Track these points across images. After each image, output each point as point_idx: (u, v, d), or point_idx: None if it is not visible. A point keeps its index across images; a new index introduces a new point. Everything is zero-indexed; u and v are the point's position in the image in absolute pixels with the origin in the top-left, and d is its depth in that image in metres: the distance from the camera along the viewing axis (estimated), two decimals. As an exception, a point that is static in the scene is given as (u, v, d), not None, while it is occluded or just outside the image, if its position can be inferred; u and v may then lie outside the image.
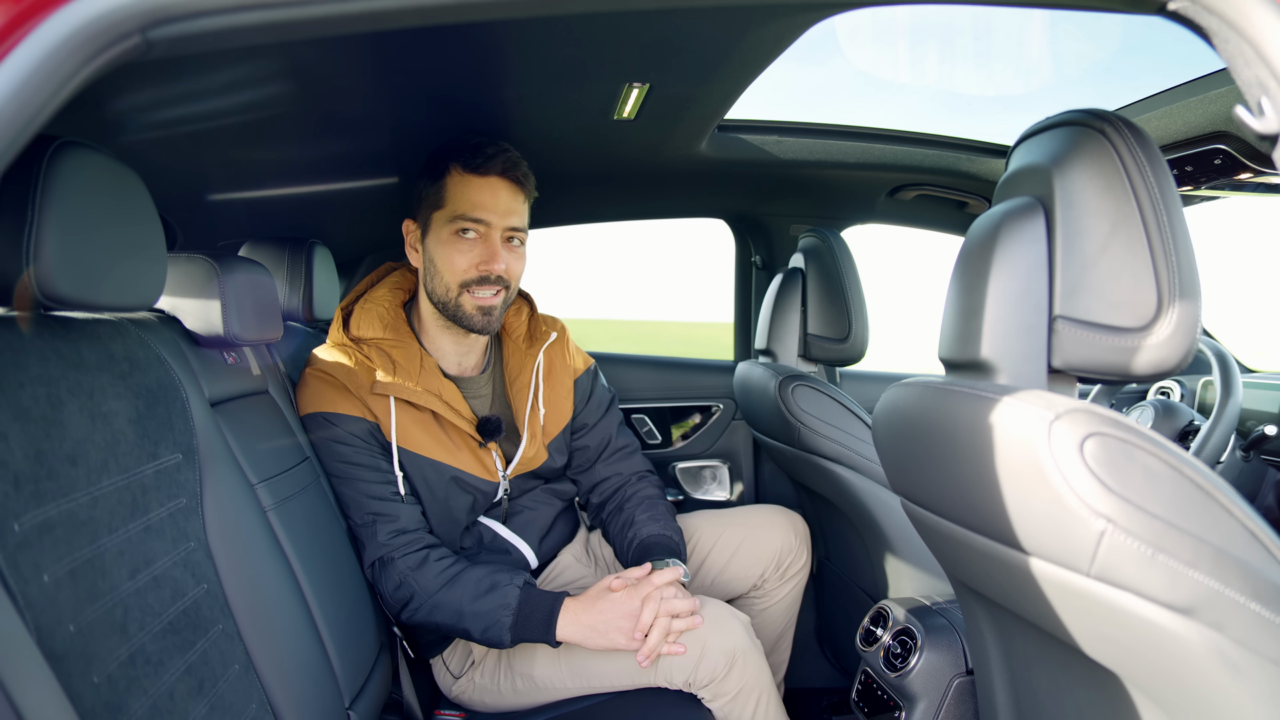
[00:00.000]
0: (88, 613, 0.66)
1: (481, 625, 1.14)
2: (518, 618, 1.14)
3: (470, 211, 1.19)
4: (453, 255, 1.20)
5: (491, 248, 1.20)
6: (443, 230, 1.20)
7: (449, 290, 1.21)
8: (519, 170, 1.21)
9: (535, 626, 1.14)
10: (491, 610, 1.14)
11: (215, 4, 0.50)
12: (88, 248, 0.70)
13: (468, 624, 1.15)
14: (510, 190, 1.21)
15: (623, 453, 1.47)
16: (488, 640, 1.15)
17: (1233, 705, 0.55)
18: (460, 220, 1.19)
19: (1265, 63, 0.53)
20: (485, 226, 1.20)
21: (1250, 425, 1.74)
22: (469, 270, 1.20)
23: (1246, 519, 0.56)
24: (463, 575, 1.17)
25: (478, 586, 1.16)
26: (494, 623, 1.14)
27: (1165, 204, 0.63)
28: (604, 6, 0.75)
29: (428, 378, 1.23)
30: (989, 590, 0.78)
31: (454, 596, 1.15)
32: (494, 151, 1.19)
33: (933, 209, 1.96)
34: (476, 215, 1.19)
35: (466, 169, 1.19)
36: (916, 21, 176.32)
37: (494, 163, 1.19)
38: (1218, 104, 1.20)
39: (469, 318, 1.22)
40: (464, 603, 1.15)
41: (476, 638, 1.16)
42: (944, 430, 0.71)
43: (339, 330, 1.25)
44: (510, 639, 1.14)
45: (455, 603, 1.15)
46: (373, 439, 1.20)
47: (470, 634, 1.16)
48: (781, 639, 1.56)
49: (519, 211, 1.23)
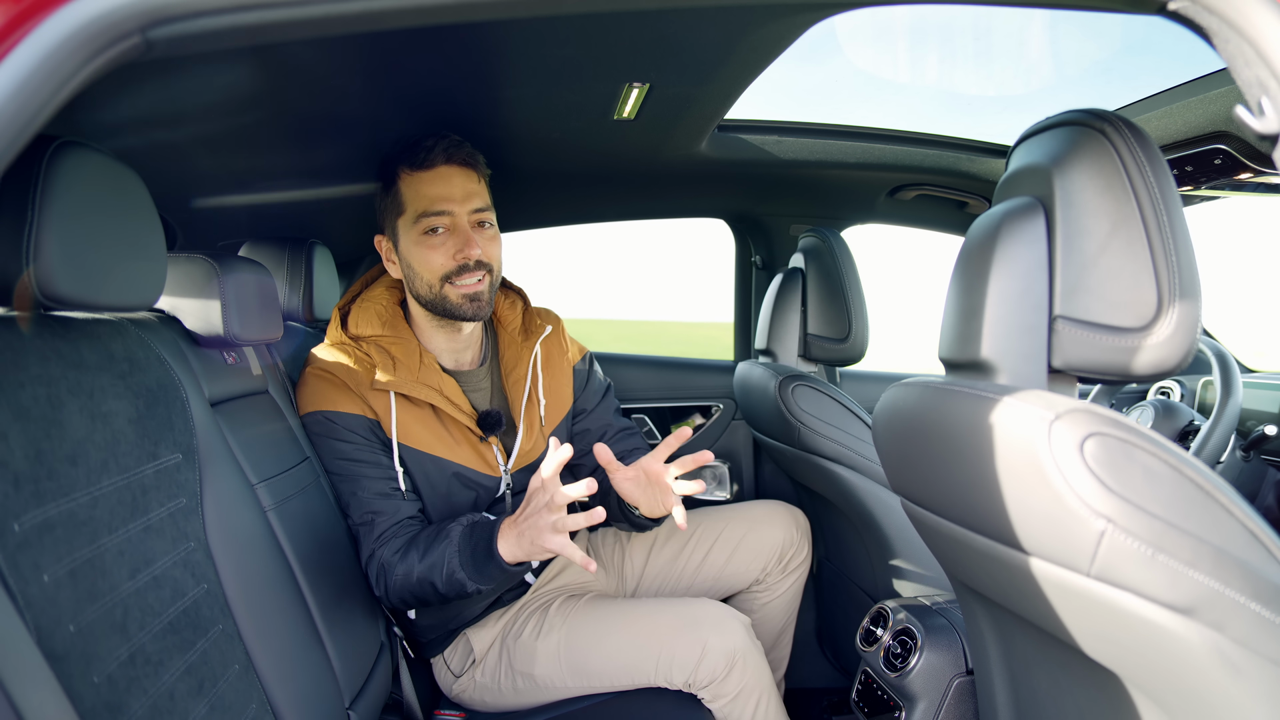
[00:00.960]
0: (88, 613, 0.66)
1: (440, 575, 1.10)
2: (463, 552, 1.09)
3: (430, 206, 1.18)
4: (427, 254, 1.19)
5: (463, 235, 1.19)
6: (411, 233, 1.19)
7: (431, 287, 1.20)
8: (463, 152, 1.19)
9: (480, 553, 1.08)
10: (441, 554, 1.10)
11: (215, 4, 0.50)
12: (88, 248, 0.70)
13: (431, 578, 1.10)
14: (463, 174, 1.19)
15: (624, 434, 1.46)
16: (453, 588, 1.10)
17: (1233, 705, 0.55)
18: (425, 219, 1.18)
19: (1265, 63, 0.53)
20: (450, 217, 1.19)
21: (1250, 425, 1.74)
22: (446, 263, 1.18)
23: (1246, 519, 0.56)
24: (416, 536, 1.15)
25: (428, 540, 1.13)
26: (446, 566, 1.09)
27: (1165, 204, 0.63)
28: (604, 6, 0.75)
29: (427, 373, 1.23)
30: (989, 590, 0.78)
31: (411, 559, 1.12)
32: (433, 142, 1.17)
33: (933, 209, 1.96)
34: (438, 208, 1.18)
35: (413, 167, 1.18)
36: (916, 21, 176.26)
37: (436, 153, 1.17)
38: (1218, 104, 1.20)
39: (457, 308, 1.20)
40: (418, 561, 1.11)
41: (443, 590, 1.11)
42: (944, 430, 0.71)
43: (338, 329, 1.25)
44: (466, 576, 1.08)
45: (413, 564, 1.11)
46: (374, 436, 1.20)
47: (438, 589, 1.11)
48: (783, 634, 1.57)
49: (478, 192, 1.21)
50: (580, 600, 1.30)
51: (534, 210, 2.04)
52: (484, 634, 1.29)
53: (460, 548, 1.10)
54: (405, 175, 1.19)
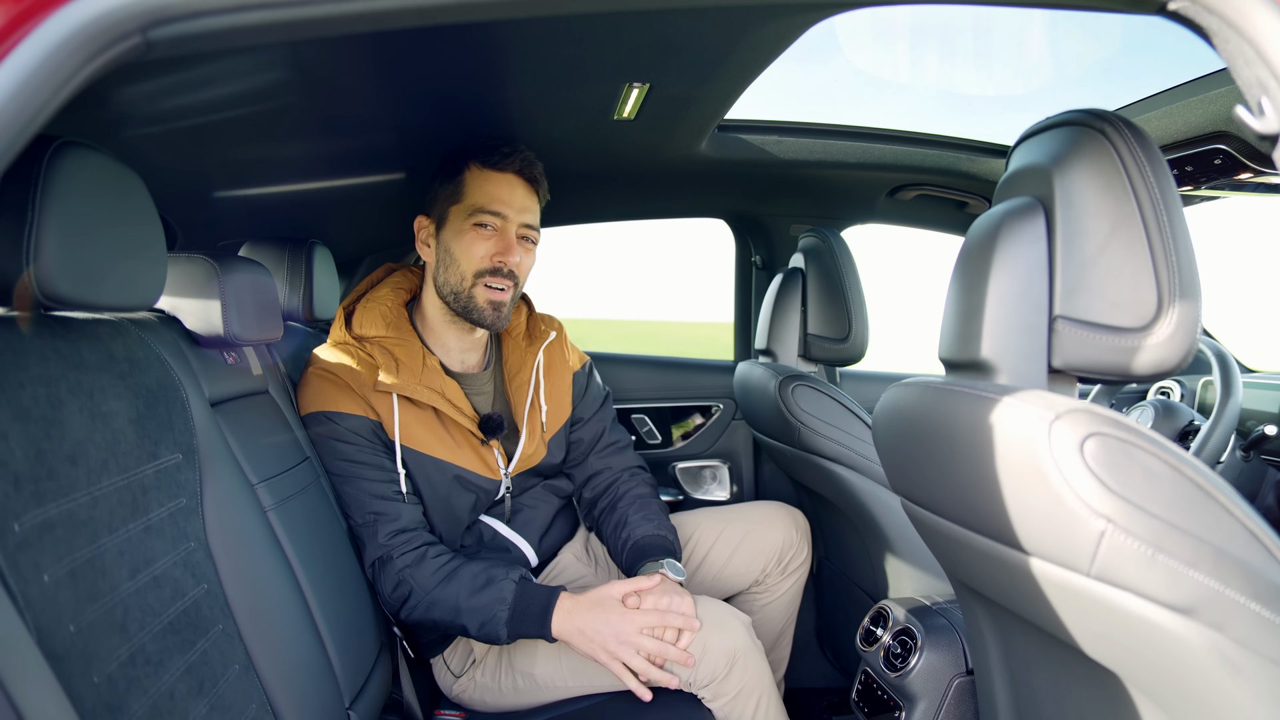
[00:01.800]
0: (88, 613, 0.66)
1: (478, 620, 1.14)
2: (513, 612, 1.14)
3: (489, 204, 1.22)
4: (471, 244, 1.23)
5: (507, 240, 1.23)
6: (461, 223, 1.23)
7: (463, 280, 1.23)
8: (534, 170, 1.26)
9: (531, 621, 1.14)
10: (488, 605, 1.14)
11: (215, 4, 0.50)
12: (88, 248, 0.70)
13: (465, 619, 1.15)
14: (525, 189, 1.25)
15: (615, 447, 1.48)
16: (484, 636, 1.15)
17: (1233, 705, 0.55)
18: (479, 213, 1.22)
19: (1265, 63, 0.53)
20: (502, 220, 1.23)
21: (1250, 425, 1.74)
22: (484, 260, 1.23)
23: (1246, 519, 0.56)
24: (459, 571, 1.17)
25: (474, 582, 1.16)
26: (490, 617, 1.14)
27: (1165, 204, 0.63)
28: (604, 6, 0.75)
29: (430, 375, 1.24)
30: (989, 590, 0.78)
31: (450, 592, 1.15)
32: (510, 151, 1.24)
33: (933, 209, 1.96)
34: (494, 208, 1.22)
35: (485, 165, 1.23)
36: (916, 21, 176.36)
37: (511, 160, 1.23)
38: (1218, 104, 1.20)
39: (480, 310, 1.24)
40: (460, 598, 1.15)
41: (474, 634, 1.15)
42: (944, 430, 0.71)
43: (342, 329, 1.25)
44: (507, 634, 1.14)
45: (452, 599, 1.15)
46: (375, 437, 1.20)
47: (468, 630, 1.16)
48: (783, 635, 1.56)
49: (533, 210, 1.27)
50: (581, 600, 1.30)
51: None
52: (484, 634, 1.29)
53: (512, 606, 1.14)
54: (475, 169, 1.23)
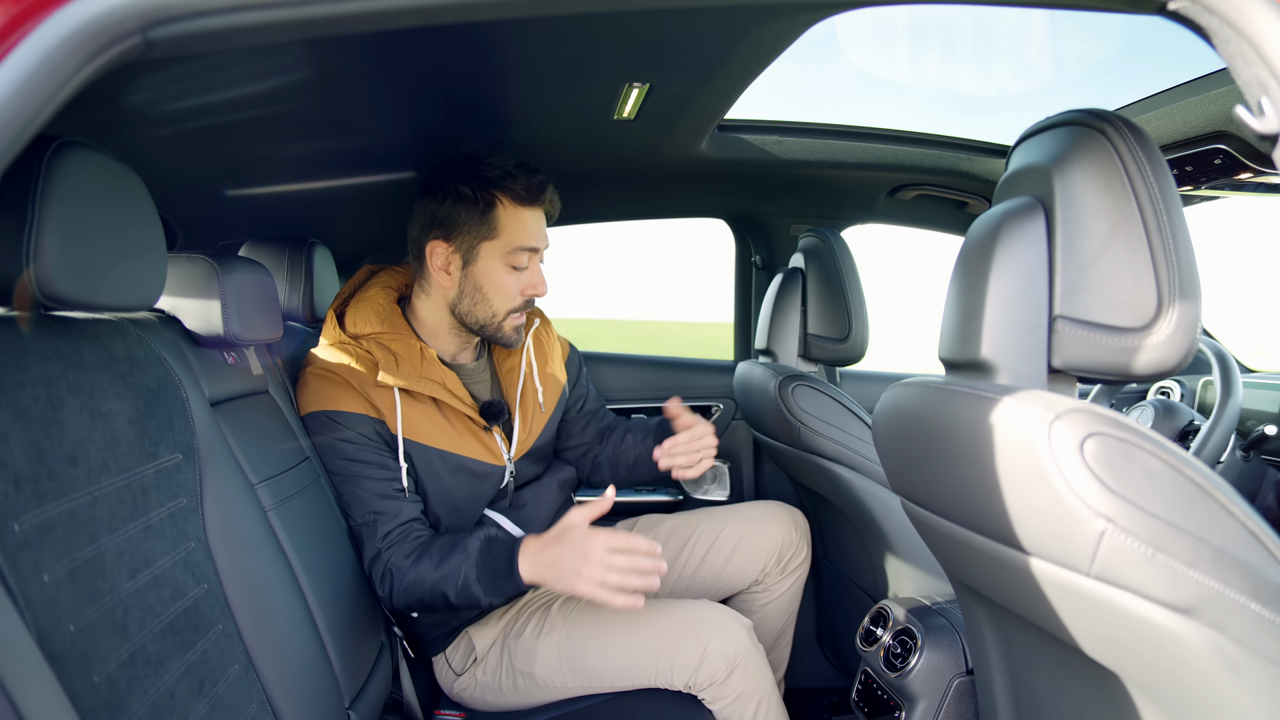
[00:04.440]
0: (88, 613, 0.66)
1: (454, 587, 1.12)
2: (480, 569, 1.11)
3: (528, 242, 1.23)
4: (507, 283, 1.24)
5: (537, 273, 1.26)
6: (498, 260, 1.23)
7: (495, 316, 1.25)
8: (556, 198, 1.28)
9: (500, 573, 1.11)
10: (456, 568, 1.12)
11: (215, 4, 0.50)
12: (88, 248, 0.70)
13: (444, 589, 1.12)
14: (544, 220, 1.28)
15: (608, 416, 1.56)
16: (466, 600, 1.12)
17: (1233, 705, 0.55)
18: (521, 252, 1.23)
19: (1265, 63, 0.53)
20: (534, 253, 1.25)
21: (1250, 425, 1.74)
22: (517, 297, 1.25)
23: (1246, 519, 0.56)
24: (430, 544, 1.16)
25: (442, 551, 1.14)
26: (462, 580, 1.11)
27: (1165, 204, 0.63)
28: (604, 6, 0.75)
29: (430, 367, 1.24)
30: (989, 590, 0.78)
31: (424, 567, 1.13)
32: (538, 183, 1.23)
33: (933, 209, 1.96)
34: (532, 244, 1.24)
35: (518, 201, 1.21)
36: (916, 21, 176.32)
37: (541, 195, 1.24)
38: (1218, 104, 1.20)
39: (507, 337, 1.28)
40: (432, 570, 1.13)
41: (455, 601, 1.12)
42: (944, 430, 0.71)
43: (336, 329, 1.25)
44: (481, 590, 1.11)
45: (426, 573, 1.13)
46: (377, 436, 1.20)
47: (449, 600, 1.12)
48: (782, 634, 1.57)
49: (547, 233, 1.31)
50: (582, 600, 1.30)
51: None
52: (485, 633, 1.29)
53: (478, 562, 1.12)
54: (508, 204, 1.21)
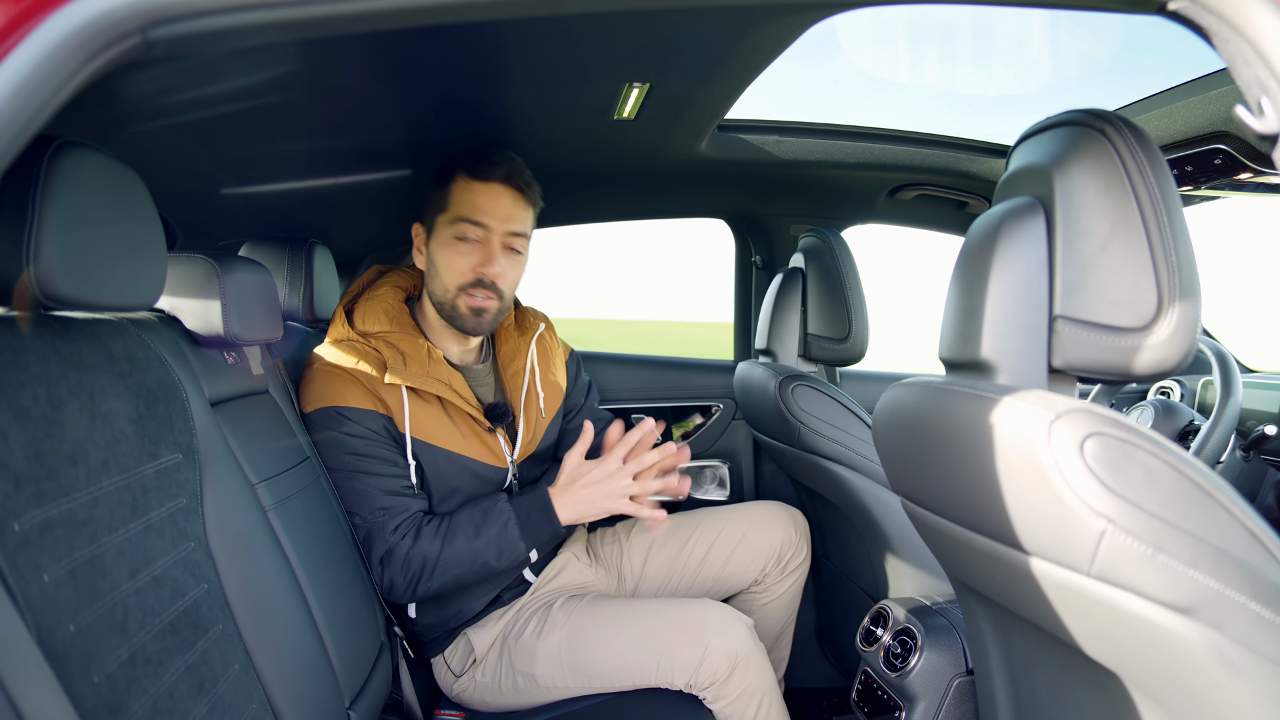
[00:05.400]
0: (88, 613, 0.66)
1: (496, 550, 1.18)
2: (522, 525, 1.19)
3: (471, 214, 1.22)
4: (452, 257, 1.23)
5: (489, 251, 1.23)
6: (444, 233, 1.24)
7: (446, 291, 1.25)
8: (522, 178, 1.25)
9: (538, 523, 1.20)
10: (498, 533, 1.18)
11: (215, 4, 0.50)
12: (88, 248, 0.70)
13: (486, 557, 1.18)
14: (512, 197, 1.24)
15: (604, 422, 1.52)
16: (509, 563, 1.19)
17: (1233, 705, 0.55)
18: (461, 223, 1.22)
19: (1265, 63, 0.53)
20: (485, 230, 1.23)
21: (1250, 425, 1.74)
22: (465, 273, 1.23)
23: (1246, 519, 0.56)
24: (453, 524, 1.20)
25: (472, 523, 1.19)
26: (506, 541, 1.18)
27: (1165, 204, 0.63)
28: (604, 6, 0.75)
29: (437, 367, 1.25)
30: (989, 590, 0.78)
31: (459, 545, 1.18)
32: (499, 159, 1.23)
33: (933, 209, 1.96)
34: (476, 218, 1.22)
35: (471, 175, 1.23)
36: (916, 21, 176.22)
37: (497, 170, 1.23)
38: (1218, 104, 1.20)
39: (462, 318, 1.26)
40: (469, 543, 1.18)
41: (498, 566, 1.19)
42: (944, 430, 0.71)
43: (344, 326, 1.26)
44: (525, 547, 1.19)
45: (463, 548, 1.17)
46: (386, 432, 1.21)
47: (490, 567, 1.19)
48: (782, 635, 1.57)
49: (521, 219, 1.26)
50: (582, 600, 1.30)
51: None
52: (484, 633, 1.29)
53: (518, 520, 1.19)
54: (461, 179, 1.23)
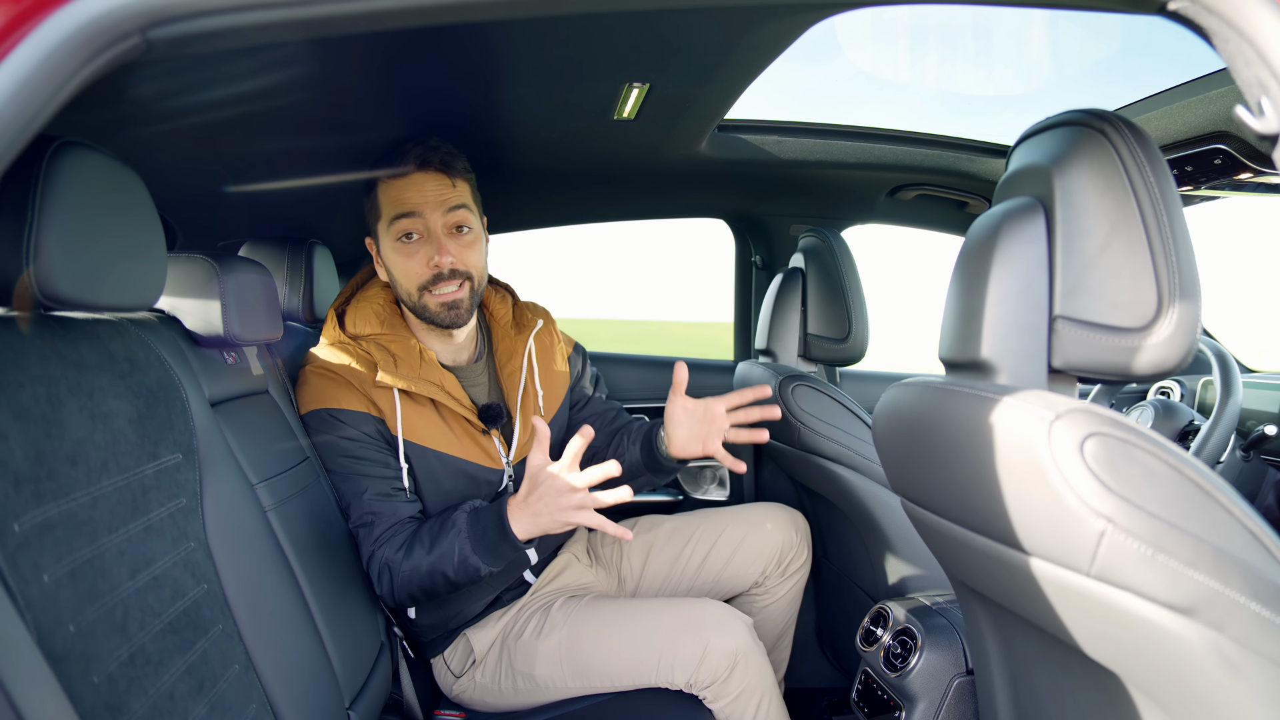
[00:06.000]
0: (88, 613, 0.66)
1: (451, 565, 1.10)
2: (474, 538, 1.10)
3: (400, 209, 1.17)
4: (402, 260, 1.19)
5: (435, 242, 1.18)
6: (387, 239, 1.20)
7: (410, 295, 1.21)
8: (437, 156, 1.17)
9: (493, 537, 1.09)
10: (450, 545, 1.10)
11: (215, 4, 0.50)
12: (88, 248, 0.70)
13: (442, 569, 1.11)
14: (437, 178, 1.18)
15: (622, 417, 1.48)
16: (466, 575, 1.11)
17: (1233, 705, 0.55)
18: (397, 222, 1.18)
19: (1265, 63, 0.53)
20: (421, 220, 1.18)
21: (1250, 425, 1.74)
22: (421, 272, 1.19)
23: (1246, 519, 0.56)
24: (418, 532, 1.15)
25: (432, 533, 1.13)
26: (460, 555, 1.10)
27: (1165, 204, 0.63)
28: (604, 6, 0.75)
29: (429, 369, 1.23)
30: (989, 590, 0.78)
31: (417, 555, 1.12)
32: (409, 147, 1.16)
33: (933, 209, 1.96)
34: (408, 210, 1.17)
35: (390, 176, 1.18)
36: (916, 21, 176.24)
37: (409, 158, 1.16)
38: (1218, 104, 1.20)
39: (435, 315, 1.21)
40: (425, 555, 1.12)
41: (455, 578, 1.11)
42: (944, 430, 0.71)
43: (336, 329, 1.25)
44: (480, 560, 1.10)
45: (420, 559, 1.12)
46: (379, 435, 1.20)
47: (449, 579, 1.12)
48: (782, 636, 1.56)
49: (453, 198, 1.19)
50: (582, 601, 1.30)
51: (534, 210, 2.04)
52: (484, 634, 1.29)
53: (470, 533, 1.11)
54: (383, 181, 1.19)
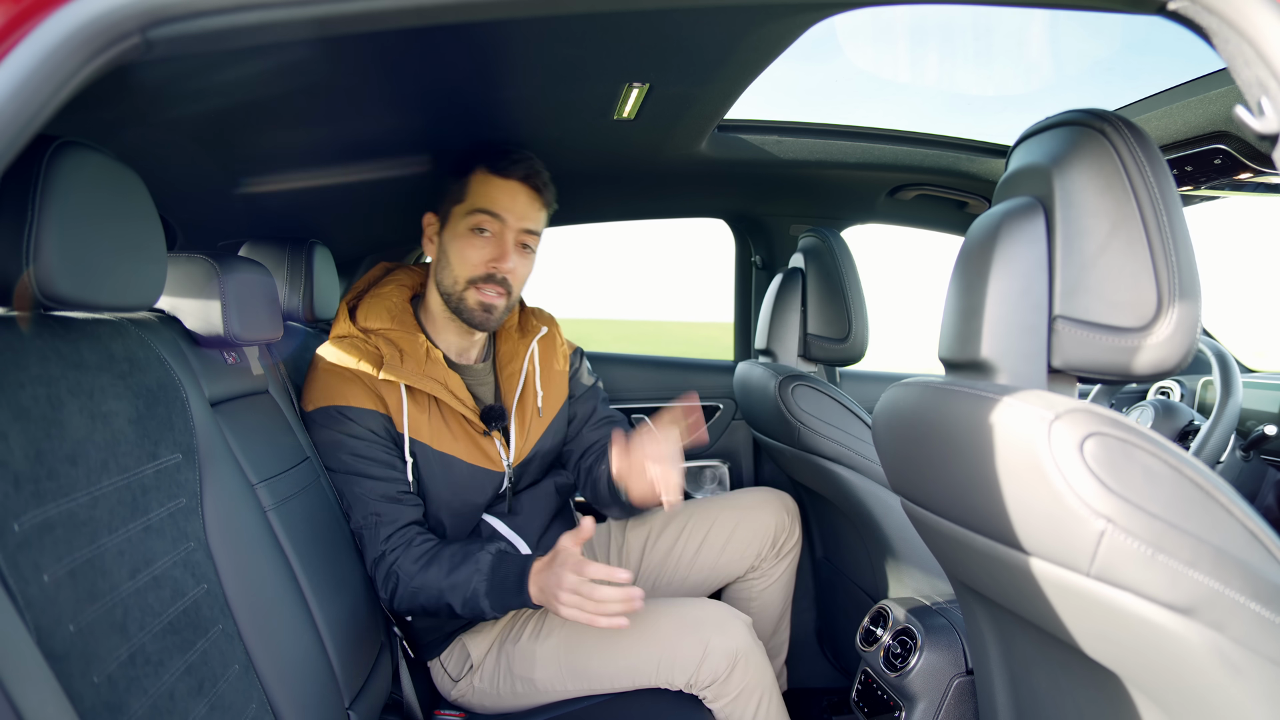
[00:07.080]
0: (88, 613, 0.66)
1: (460, 597, 1.13)
2: (491, 583, 1.12)
3: (488, 207, 1.22)
4: (465, 249, 1.23)
5: (503, 247, 1.24)
6: (460, 224, 1.24)
7: (456, 283, 1.24)
8: (540, 178, 1.26)
9: (509, 589, 1.12)
10: (466, 579, 1.13)
11: (215, 4, 0.50)
12: (88, 248, 0.70)
13: (449, 598, 1.13)
14: (529, 196, 1.25)
15: (608, 420, 1.48)
16: (470, 611, 1.13)
17: (1233, 705, 0.55)
18: (477, 214, 1.23)
19: (1265, 63, 0.53)
20: (500, 224, 1.23)
21: (1250, 425, 1.74)
22: (478, 266, 1.23)
23: (1246, 519, 0.56)
24: (439, 553, 1.17)
25: (452, 560, 1.15)
26: (470, 592, 1.12)
27: (1165, 204, 0.63)
28: (604, 6, 0.75)
29: (434, 367, 1.24)
30: (989, 590, 0.78)
31: (432, 575, 1.14)
32: (519, 157, 1.24)
33: (933, 209, 1.96)
34: (494, 210, 1.23)
35: (491, 170, 1.23)
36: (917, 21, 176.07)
37: (517, 167, 1.23)
38: (1218, 104, 1.20)
39: (470, 312, 1.25)
40: (442, 578, 1.14)
41: (460, 611, 1.14)
42: (944, 430, 0.71)
43: (347, 323, 1.26)
44: (488, 605, 1.12)
45: (434, 580, 1.14)
46: (386, 432, 1.21)
47: (453, 608, 1.14)
48: (781, 619, 1.59)
49: (535, 218, 1.27)
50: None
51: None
52: (480, 639, 1.29)
53: (489, 576, 1.13)
54: (480, 173, 1.24)
